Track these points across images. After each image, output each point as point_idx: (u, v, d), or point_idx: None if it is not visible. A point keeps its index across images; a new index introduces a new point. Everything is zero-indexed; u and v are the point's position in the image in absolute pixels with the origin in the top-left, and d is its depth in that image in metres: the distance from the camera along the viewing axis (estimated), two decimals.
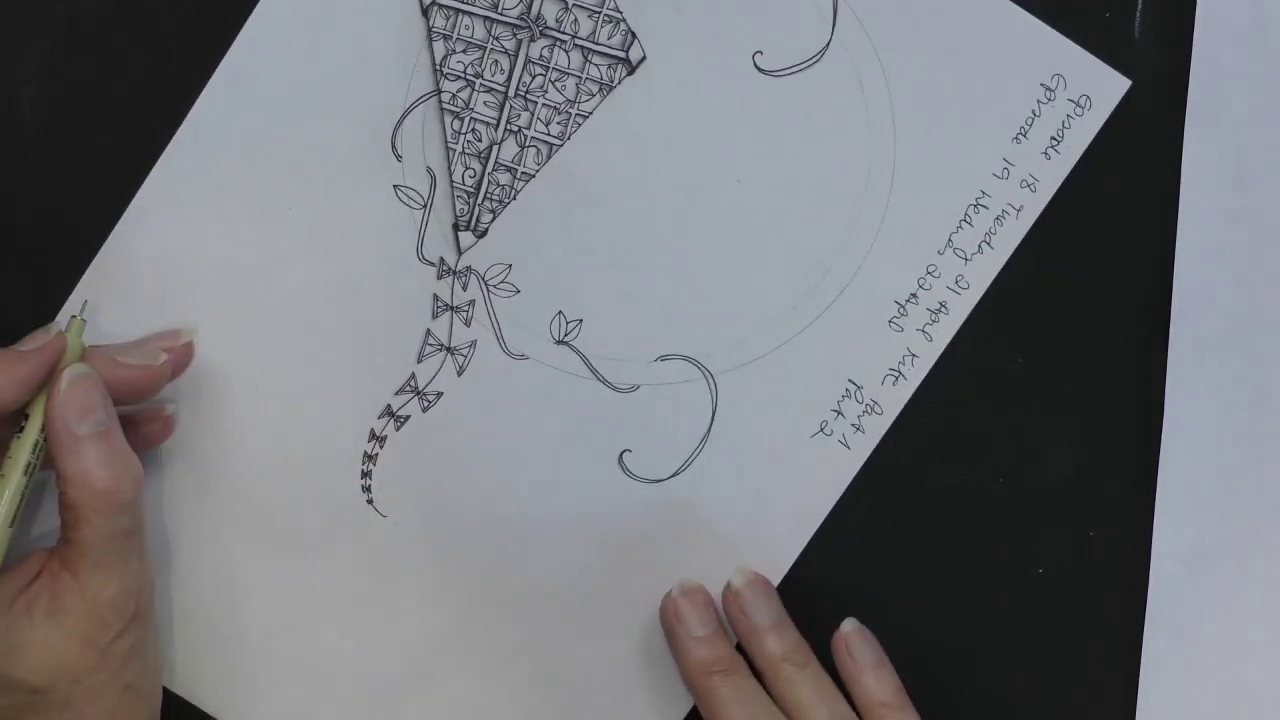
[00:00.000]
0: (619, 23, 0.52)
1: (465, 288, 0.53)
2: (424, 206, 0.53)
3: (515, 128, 0.52)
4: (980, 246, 0.53)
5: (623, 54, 0.52)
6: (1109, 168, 0.52)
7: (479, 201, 0.53)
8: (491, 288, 0.53)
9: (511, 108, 0.52)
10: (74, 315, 0.50)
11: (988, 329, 0.53)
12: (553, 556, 0.53)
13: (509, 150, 0.52)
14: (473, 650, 0.54)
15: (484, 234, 0.53)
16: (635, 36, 0.52)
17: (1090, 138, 0.52)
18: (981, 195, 0.52)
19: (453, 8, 0.52)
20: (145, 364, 0.50)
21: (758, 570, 0.52)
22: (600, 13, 0.52)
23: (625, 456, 0.53)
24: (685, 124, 0.52)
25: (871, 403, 0.53)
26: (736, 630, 0.52)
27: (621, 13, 0.52)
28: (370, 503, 0.53)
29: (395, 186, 0.53)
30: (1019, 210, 0.52)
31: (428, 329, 0.53)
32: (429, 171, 0.53)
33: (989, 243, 0.53)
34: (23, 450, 0.48)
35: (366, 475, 0.53)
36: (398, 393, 0.53)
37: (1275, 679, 0.53)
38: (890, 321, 0.53)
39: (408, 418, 0.53)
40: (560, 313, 0.53)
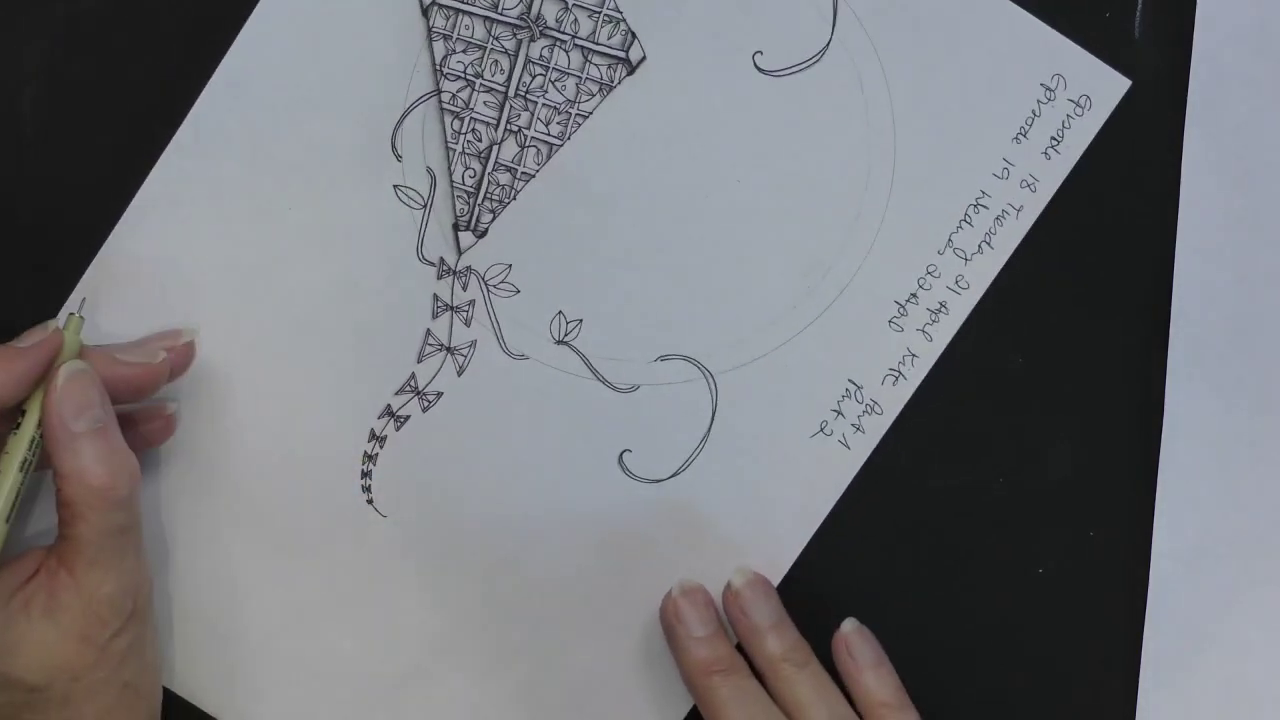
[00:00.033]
0: (619, 23, 0.52)
1: (465, 288, 0.53)
2: (424, 206, 0.53)
3: (515, 128, 0.52)
4: (980, 246, 0.53)
5: (623, 54, 0.52)
6: (1109, 168, 0.52)
7: (479, 201, 0.53)
8: (491, 288, 0.53)
9: (511, 108, 0.52)
10: (72, 312, 0.50)
11: (988, 329, 0.53)
12: (553, 556, 0.53)
13: (509, 150, 0.52)
14: (472, 650, 0.54)
15: (484, 234, 0.53)
16: (635, 36, 0.52)
17: (1090, 138, 0.52)
18: (981, 195, 0.52)
19: (453, 8, 0.52)
20: (144, 362, 0.50)
21: (758, 570, 0.52)
22: (600, 13, 0.52)
23: (625, 456, 0.53)
24: (685, 124, 0.52)
25: (871, 403, 0.53)
26: (736, 630, 0.52)
27: (621, 13, 0.52)
28: (370, 503, 0.53)
29: (395, 186, 0.53)
30: (1019, 210, 0.52)
31: (428, 329, 0.53)
32: (429, 171, 0.53)
33: (989, 243, 0.53)
34: (19, 446, 0.48)
35: (366, 475, 0.53)
36: (398, 393, 0.53)
37: (1275, 679, 0.53)
38: (890, 321, 0.53)
39: (408, 418, 0.53)
40: (560, 313, 0.53)
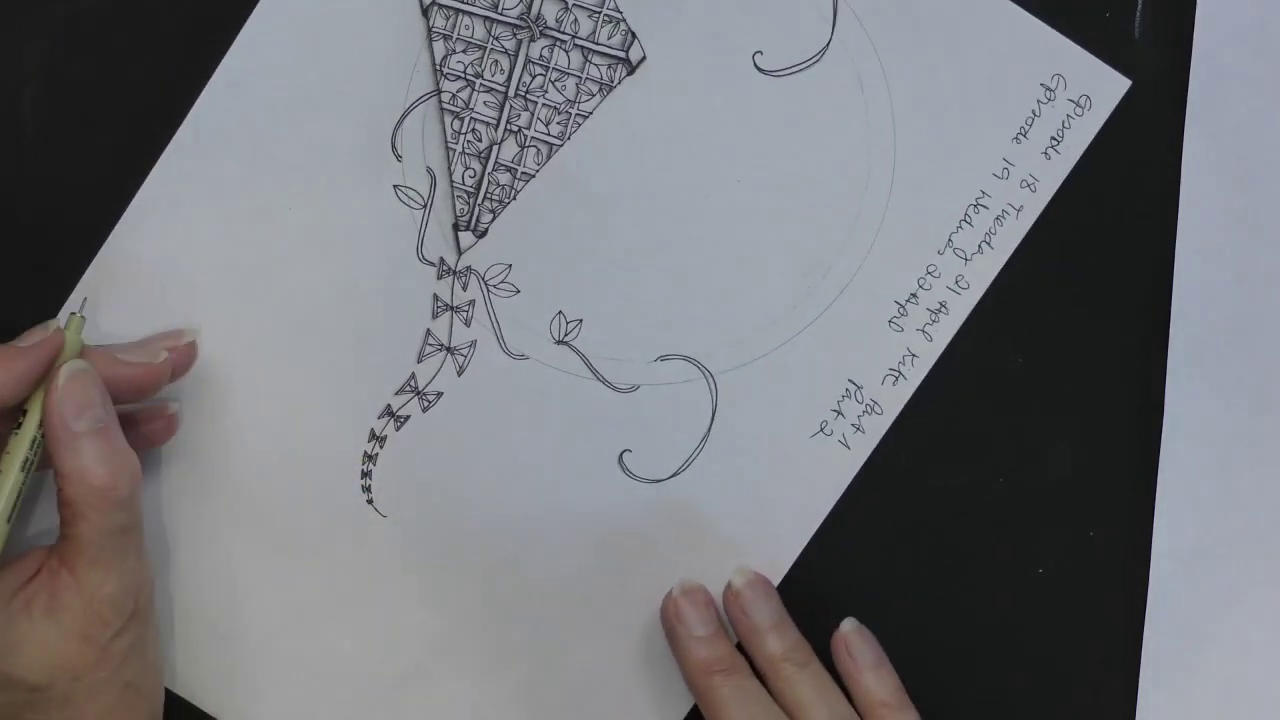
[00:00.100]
0: (619, 23, 0.52)
1: (465, 288, 0.53)
2: (424, 206, 0.53)
3: (515, 128, 0.52)
4: (980, 246, 0.53)
5: (623, 54, 0.52)
6: (1109, 168, 0.52)
7: (479, 201, 0.53)
8: (491, 288, 0.53)
9: (511, 108, 0.52)
10: (73, 312, 0.50)
11: (988, 329, 0.53)
12: (553, 556, 0.53)
13: (509, 150, 0.52)
14: (472, 650, 0.54)
15: (484, 234, 0.53)
16: (635, 36, 0.52)
17: (1090, 138, 0.52)
18: (981, 195, 0.52)
19: (453, 8, 0.52)
20: (145, 362, 0.50)
21: (758, 570, 0.52)
22: (600, 13, 0.52)
23: (625, 456, 0.53)
24: (685, 124, 0.52)
25: (871, 403, 0.53)
26: (737, 630, 0.52)
27: (621, 13, 0.52)
28: (370, 503, 0.53)
29: (395, 186, 0.53)
30: (1019, 210, 0.52)
31: (428, 329, 0.53)
32: (429, 171, 0.53)
33: (989, 243, 0.53)
34: (20, 446, 0.48)
35: (366, 475, 0.53)
36: (398, 393, 0.53)
37: (1275, 679, 0.53)
38: (890, 321, 0.53)
39: (408, 418, 0.53)
40: (560, 313, 0.53)
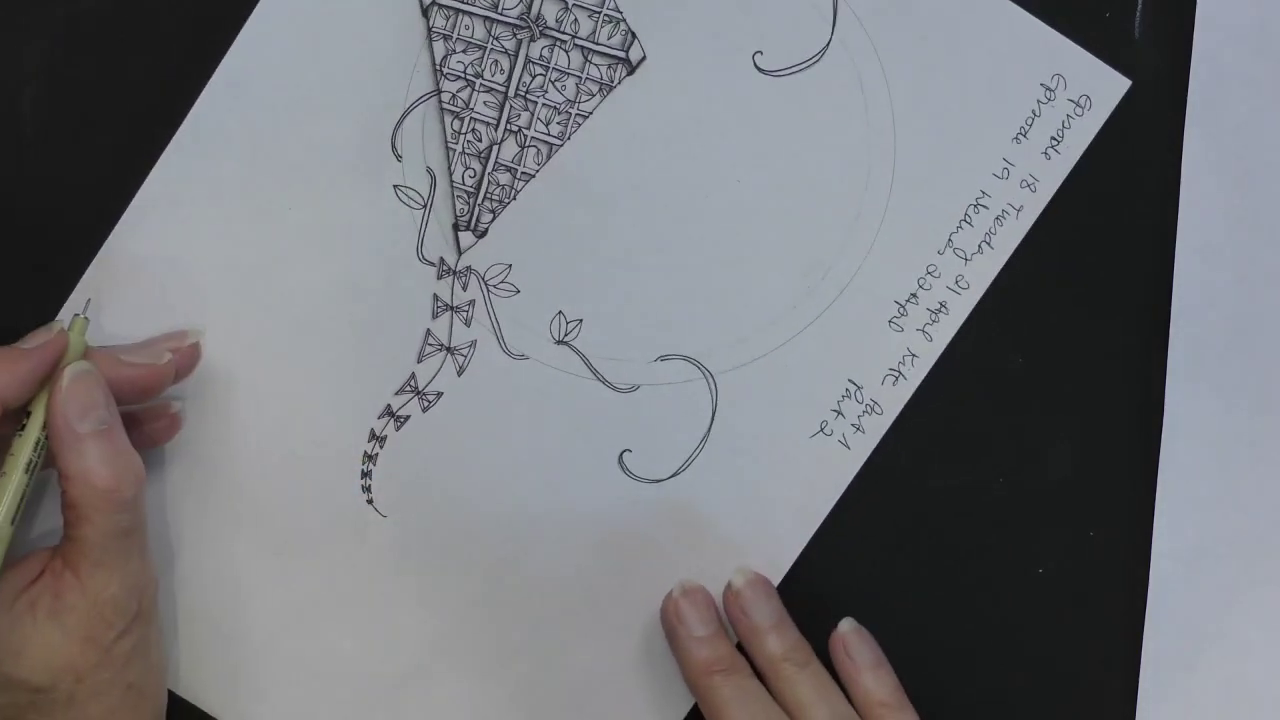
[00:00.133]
0: (619, 23, 0.52)
1: (465, 288, 0.53)
2: (424, 206, 0.53)
3: (515, 128, 0.52)
4: (980, 246, 0.53)
5: (623, 54, 0.52)
6: (1109, 168, 0.52)
7: (479, 201, 0.53)
8: (491, 288, 0.53)
9: (511, 108, 0.52)
10: (77, 314, 0.50)
11: (988, 329, 0.53)
12: (553, 556, 0.53)
13: (509, 150, 0.52)
14: (473, 650, 0.54)
15: (484, 234, 0.53)
16: (635, 36, 0.52)
17: (1090, 138, 0.52)
18: (981, 195, 0.52)
19: (453, 8, 0.52)
20: (149, 363, 0.50)
21: (758, 570, 0.52)
22: (600, 13, 0.52)
23: (625, 456, 0.53)
24: (685, 124, 0.52)
25: (871, 403, 0.53)
26: (737, 630, 0.52)
27: (621, 13, 0.52)
28: (370, 503, 0.53)
29: (395, 186, 0.53)
30: (1019, 210, 0.52)
31: (428, 329, 0.53)
32: (429, 171, 0.53)
33: (989, 243, 0.53)
34: (24, 448, 0.48)
35: (366, 475, 0.53)
36: (398, 393, 0.53)
37: (1275, 679, 0.53)
38: (890, 321, 0.53)
39: (408, 418, 0.53)
40: (560, 313, 0.53)
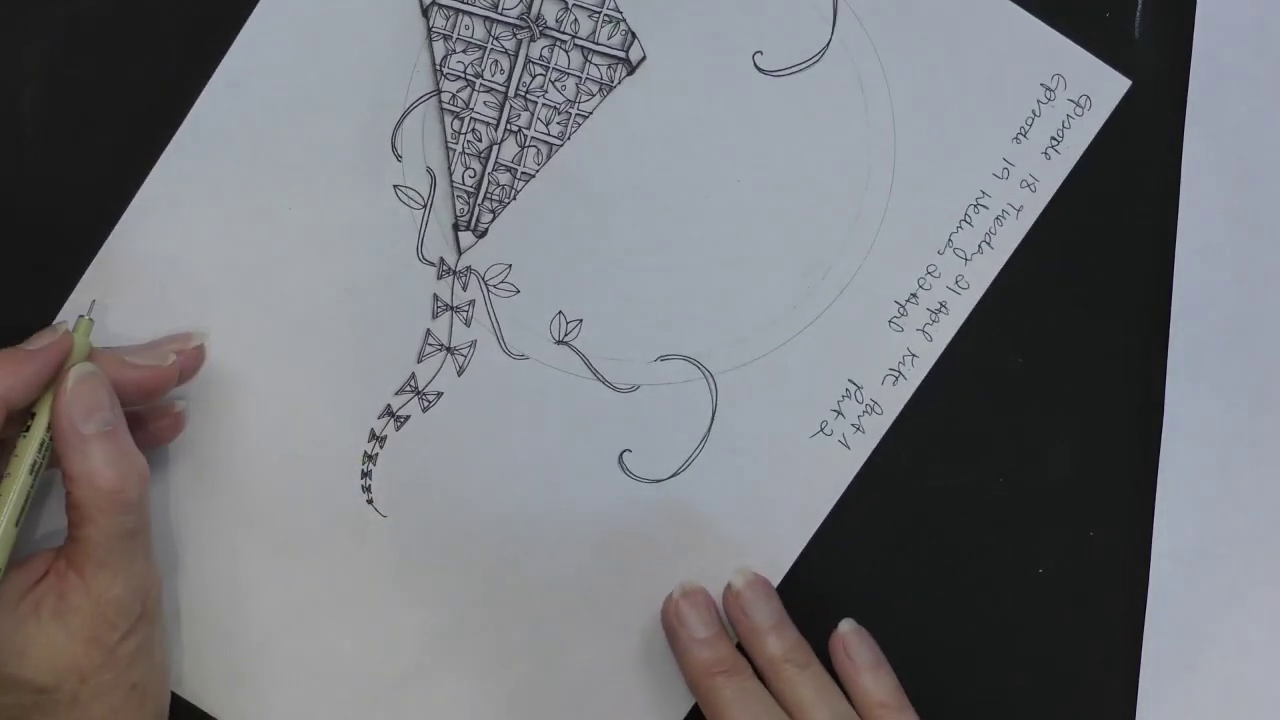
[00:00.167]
0: (619, 23, 0.52)
1: (465, 288, 0.53)
2: (424, 206, 0.53)
3: (515, 128, 0.52)
4: (980, 246, 0.53)
5: (623, 54, 0.52)
6: (1109, 168, 0.52)
7: (479, 201, 0.53)
8: (491, 288, 0.53)
9: (511, 108, 0.52)
10: (81, 315, 0.50)
11: (988, 329, 0.53)
12: (553, 556, 0.53)
13: (509, 150, 0.52)
14: (472, 650, 0.54)
15: (484, 234, 0.53)
16: (635, 36, 0.52)
17: (1090, 138, 0.52)
18: (981, 195, 0.52)
19: (453, 8, 0.52)
20: (153, 364, 0.50)
21: (758, 570, 0.52)
22: (600, 13, 0.52)
23: (625, 456, 0.53)
24: (685, 124, 0.52)
25: (871, 403, 0.53)
26: (737, 631, 0.52)
27: (621, 13, 0.52)
28: (370, 503, 0.53)
29: (395, 186, 0.53)
30: (1019, 210, 0.52)
31: (428, 329, 0.53)
32: (429, 171, 0.53)
33: (989, 243, 0.53)
34: (29, 449, 0.48)
35: (366, 475, 0.53)
36: (398, 393, 0.53)
37: (1275, 679, 0.53)
38: (890, 321, 0.53)
39: (408, 418, 0.53)
40: (560, 313, 0.53)
